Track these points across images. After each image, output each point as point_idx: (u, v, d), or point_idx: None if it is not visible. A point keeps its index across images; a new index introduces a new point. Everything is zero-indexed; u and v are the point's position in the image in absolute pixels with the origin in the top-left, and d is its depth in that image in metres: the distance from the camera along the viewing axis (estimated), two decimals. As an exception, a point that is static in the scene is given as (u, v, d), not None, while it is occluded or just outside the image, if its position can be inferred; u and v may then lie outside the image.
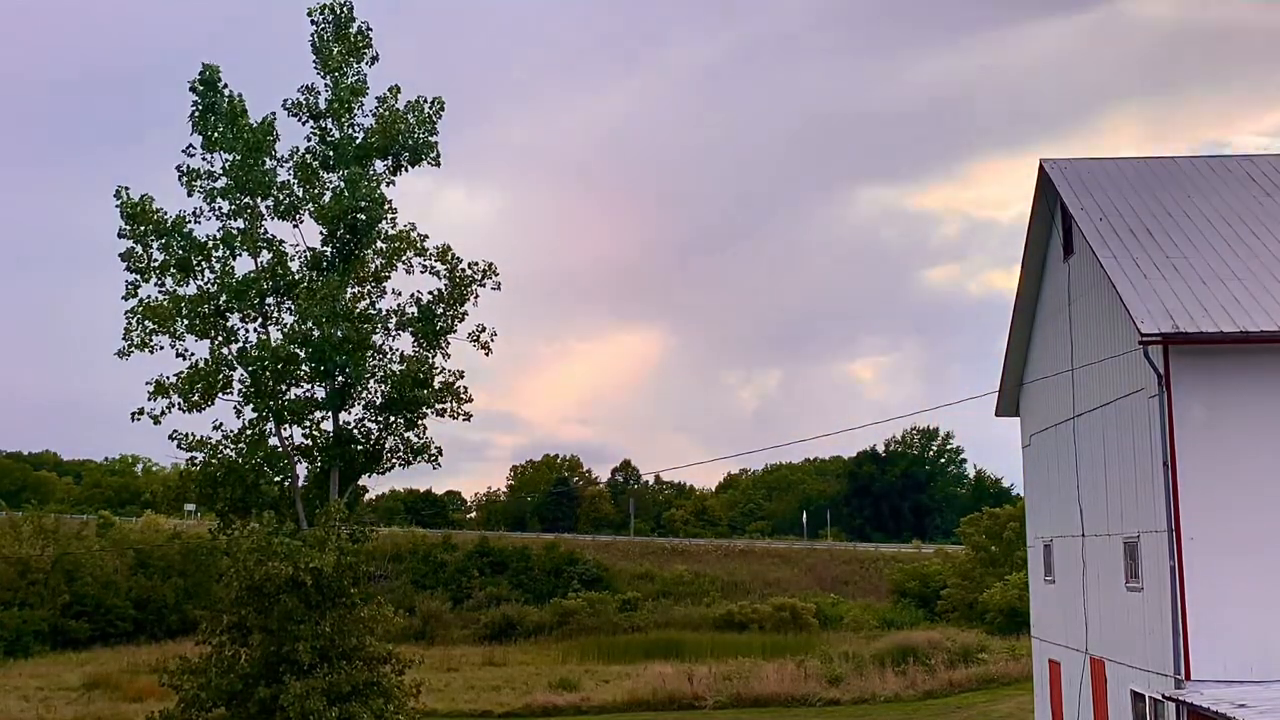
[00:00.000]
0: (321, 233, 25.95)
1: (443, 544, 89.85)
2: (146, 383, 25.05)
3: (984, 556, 71.34)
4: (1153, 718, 21.75)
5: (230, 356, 25.47)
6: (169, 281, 25.39)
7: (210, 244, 25.58)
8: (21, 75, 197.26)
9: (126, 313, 24.98)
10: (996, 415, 32.45)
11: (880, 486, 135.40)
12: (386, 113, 26.13)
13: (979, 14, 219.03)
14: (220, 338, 25.56)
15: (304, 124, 26.38)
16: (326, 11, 26.16)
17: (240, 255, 25.75)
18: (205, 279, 25.54)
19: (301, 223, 26.21)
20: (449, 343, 26.51)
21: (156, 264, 25.33)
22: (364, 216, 25.54)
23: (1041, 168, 27.23)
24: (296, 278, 25.91)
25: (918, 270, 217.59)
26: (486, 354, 26.74)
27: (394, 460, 26.58)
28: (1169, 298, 21.52)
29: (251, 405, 25.48)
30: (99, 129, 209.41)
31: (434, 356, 26.37)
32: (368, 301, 26.22)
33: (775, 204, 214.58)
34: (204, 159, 25.76)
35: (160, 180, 34.42)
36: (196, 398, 25.15)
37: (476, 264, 26.42)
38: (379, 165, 26.28)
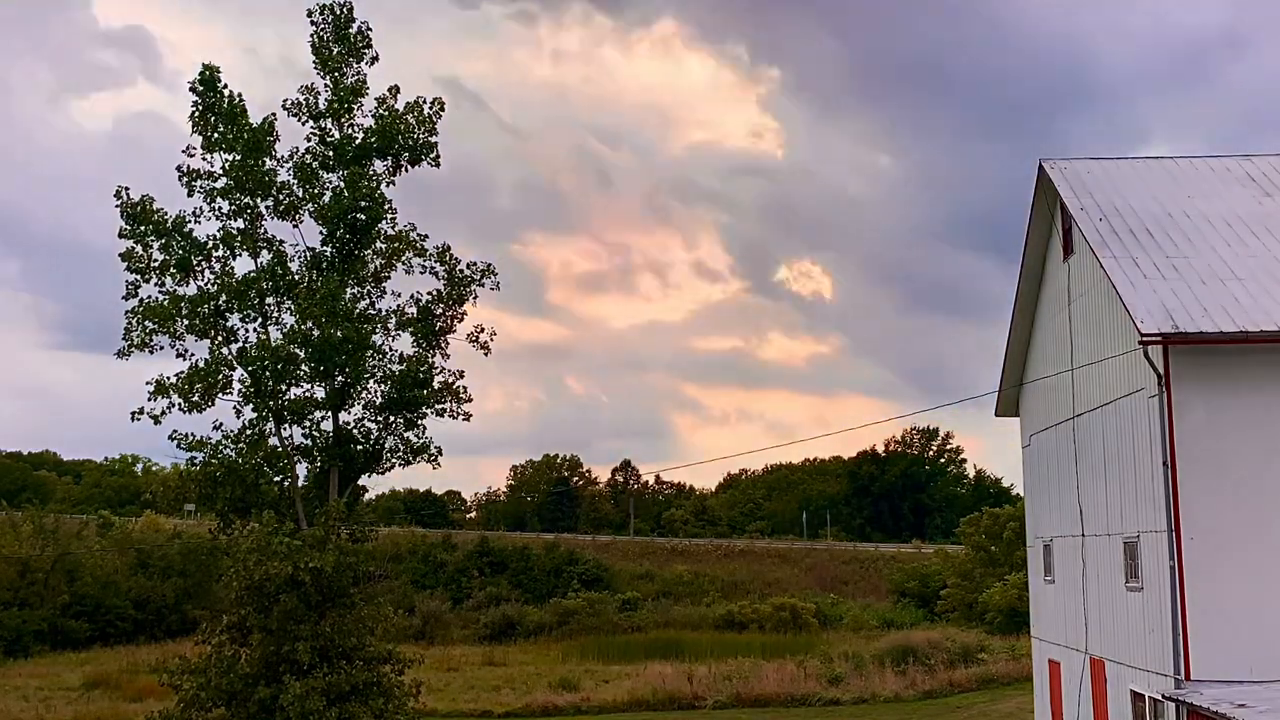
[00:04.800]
0: (321, 233, 25.96)
1: (443, 544, 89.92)
2: (147, 383, 25.06)
3: (984, 556, 71.34)
4: (1153, 718, 21.74)
5: (230, 356, 25.43)
6: (169, 281, 25.39)
7: (210, 244, 25.57)
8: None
9: (127, 313, 24.98)
10: (996, 415, 32.43)
11: (880, 486, 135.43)
12: (386, 113, 26.13)
13: None
14: (220, 338, 25.54)
15: (304, 124, 26.41)
16: (326, 12, 26.17)
17: (240, 255, 25.77)
18: (205, 279, 25.54)
19: (301, 223, 26.22)
20: (448, 343, 26.58)
21: (156, 264, 25.33)
22: (364, 216, 25.54)
23: (1041, 168, 27.19)
24: (296, 278, 25.91)
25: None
26: (486, 354, 26.83)
27: (394, 460, 26.59)
28: (1169, 298, 21.50)
29: (251, 405, 25.45)
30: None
31: (433, 356, 26.42)
32: (367, 301, 26.23)
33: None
34: (204, 159, 25.78)
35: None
36: (196, 398, 25.10)
37: (475, 264, 26.50)
38: (378, 165, 26.28)
